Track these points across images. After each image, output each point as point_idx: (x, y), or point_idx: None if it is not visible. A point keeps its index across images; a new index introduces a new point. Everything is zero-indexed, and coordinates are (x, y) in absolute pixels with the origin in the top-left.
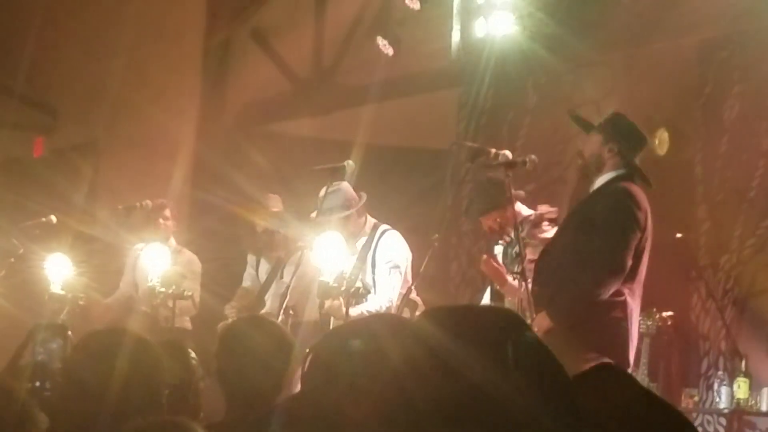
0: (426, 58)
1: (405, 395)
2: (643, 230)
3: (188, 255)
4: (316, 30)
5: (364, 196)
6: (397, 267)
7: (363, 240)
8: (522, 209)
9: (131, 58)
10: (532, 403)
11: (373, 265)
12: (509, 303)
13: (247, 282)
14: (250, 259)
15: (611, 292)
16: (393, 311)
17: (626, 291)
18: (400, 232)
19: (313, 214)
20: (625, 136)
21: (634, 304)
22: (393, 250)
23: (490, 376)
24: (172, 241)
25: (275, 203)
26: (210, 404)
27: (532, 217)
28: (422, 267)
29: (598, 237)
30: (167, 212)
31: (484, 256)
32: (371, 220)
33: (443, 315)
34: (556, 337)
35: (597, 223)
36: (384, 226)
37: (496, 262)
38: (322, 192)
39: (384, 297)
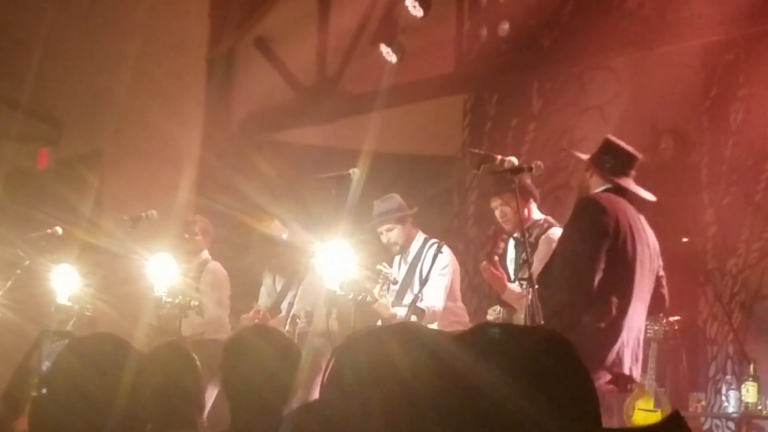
0: (430, 65)
1: (415, 409)
2: (614, 235)
3: (211, 266)
4: (320, 38)
5: (415, 209)
6: (443, 275)
7: (414, 252)
8: (534, 212)
9: (136, 68)
10: (547, 418)
11: (421, 276)
12: (519, 308)
13: (263, 299)
14: (268, 273)
15: (581, 299)
16: (438, 315)
17: (614, 297)
18: None
19: (372, 222)
20: (609, 156)
21: (626, 310)
22: (440, 261)
23: (503, 390)
24: (205, 253)
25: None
26: (216, 415)
27: (541, 222)
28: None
29: (564, 247)
30: (197, 228)
31: (484, 263)
32: (422, 235)
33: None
34: None
35: (564, 234)
36: (433, 240)
37: (497, 268)
38: (376, 202)
39: (429, 302)
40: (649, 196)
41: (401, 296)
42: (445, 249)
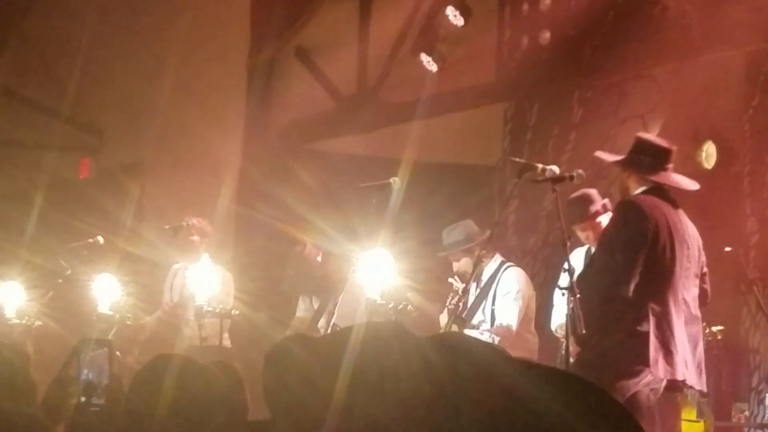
0: (470, 74)
1: (455, 417)
2: (654, 240)
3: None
4: (360, 48)
5: (488, 232)
6: (516, 299)
7: (489, 273)
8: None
9: (177, 78)
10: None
11: (494, 298)
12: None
13: (301, 311)
14: (304, 297)
15: (616, 306)
16: (511, 332)
17: (651, 303)
18: None
19: (441, 253)
20: (644, 155)
21: (667, 314)
22: (514, 283)
23: (544, 403)
24: (206, 257)
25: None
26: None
27: None
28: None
29: (603, 253)
30: (193, 229)
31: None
32: (499, 258)
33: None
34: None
35: (605, 238)
36: (509, 263)
37: None
38: (446, 230)
39: (503, 320)
40: (691, 185)
41: (471, 316)
42: (519, 272)
